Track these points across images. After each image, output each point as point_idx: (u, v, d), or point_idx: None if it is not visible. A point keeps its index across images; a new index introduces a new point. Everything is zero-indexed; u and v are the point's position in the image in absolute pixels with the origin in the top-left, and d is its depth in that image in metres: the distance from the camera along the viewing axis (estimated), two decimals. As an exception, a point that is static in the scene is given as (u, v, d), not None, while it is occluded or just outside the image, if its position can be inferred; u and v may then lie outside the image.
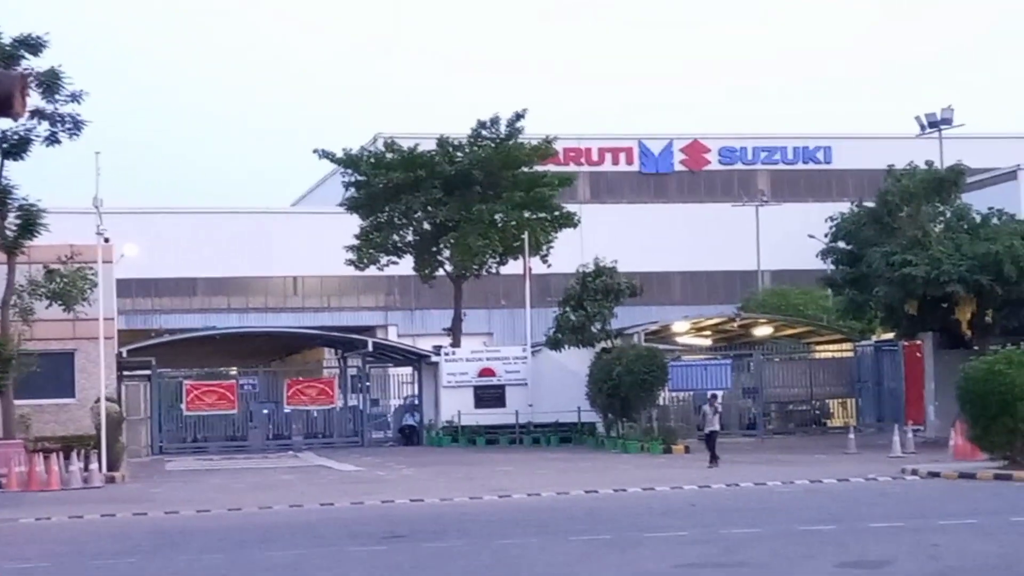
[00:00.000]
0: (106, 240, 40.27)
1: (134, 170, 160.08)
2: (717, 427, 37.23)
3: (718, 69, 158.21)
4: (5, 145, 38.14)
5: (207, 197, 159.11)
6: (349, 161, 57.80)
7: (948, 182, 43.05)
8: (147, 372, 52.03)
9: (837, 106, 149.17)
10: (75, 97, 37.52)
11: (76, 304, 39.12)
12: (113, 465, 37.68)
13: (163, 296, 77.99)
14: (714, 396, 39.92)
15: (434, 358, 53.77)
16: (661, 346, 50.85)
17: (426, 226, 57.61)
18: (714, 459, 35.58)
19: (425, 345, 60.38)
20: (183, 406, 52.95)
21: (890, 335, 49.54)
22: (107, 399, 39.39)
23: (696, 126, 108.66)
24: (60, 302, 40.40)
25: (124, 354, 49.60)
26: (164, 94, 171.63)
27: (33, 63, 38.84)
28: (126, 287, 63.06)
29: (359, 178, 57.76)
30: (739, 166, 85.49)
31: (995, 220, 43.57)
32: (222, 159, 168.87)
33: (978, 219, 43.99)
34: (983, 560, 17.17)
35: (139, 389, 50.68)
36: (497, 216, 56.21)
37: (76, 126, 37.64)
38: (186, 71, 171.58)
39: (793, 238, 68.50)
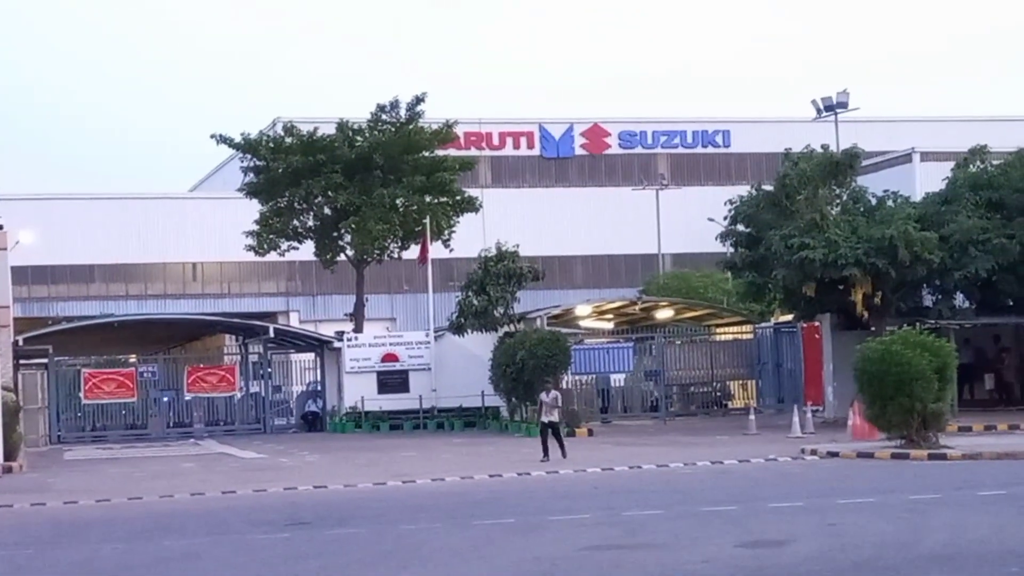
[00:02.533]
0: (0, 226, 38.85)
1: (28, 156, 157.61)
2: (556, 418, 33.69)
3: (618, 53, 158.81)
4: None
5: (104, 183, 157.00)
6: (248, 146, 56.84)
7: (844, 165, 43.62)
8: (44, 360, 51.44)
9: (734, 89, 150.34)
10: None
11: (-30, 292, 37.66)
12: (10, 455, 37.09)
13: (60, 283, 77.05)
14: (547, 382, 36.82)
15: (336, 344, 53.08)
16: (564, 330, 50.36)
17: (327, 211, 56.99)
18: (547, 453, 32.64)
19: (327, 331, 60.12)
20: (81, 394, 52.19)
21: (789, 317, 49.53)
22: (3, 388, 38.84)
23: (596, 110, 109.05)
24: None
25: (20, 342, 49.01)
26: (58, 78, 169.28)
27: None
28: (22, 274, 62.58)
29: (258, 163, 56.54)
30: (639, 150, 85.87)
31: (890, 203, 44.11)
32: (118, 145, 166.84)
33: (874, 202, 44.62)
34: (881, 538, 17.47)
35: (36, 378, 48.60)
36: (398, 201, 55.54)
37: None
38: (80, 53, 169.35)
39: (693, 221, 68.89)
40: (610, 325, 55.80)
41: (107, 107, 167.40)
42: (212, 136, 56.27)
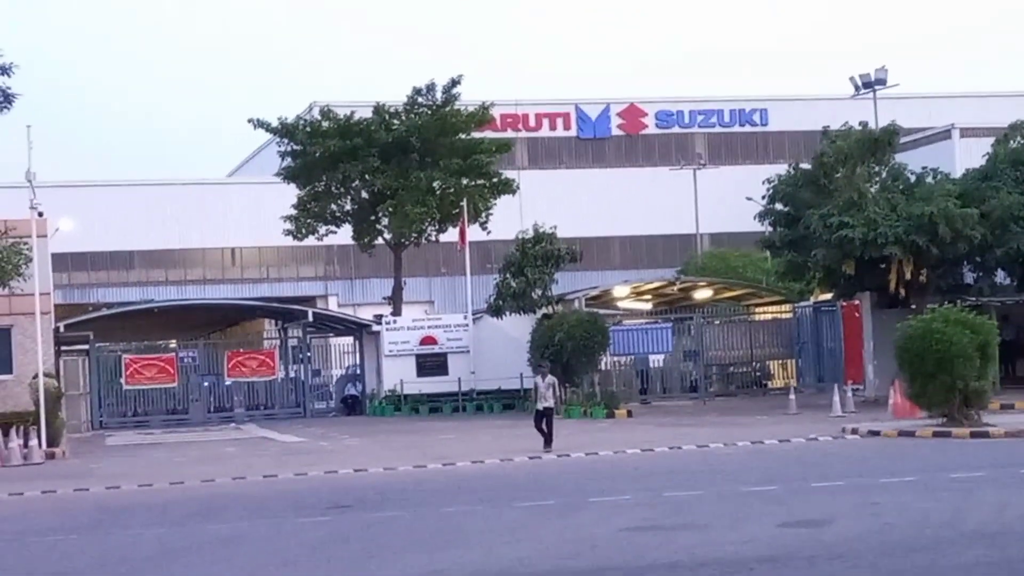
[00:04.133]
0: (40, 214, 39.86)
1: (67, 143, 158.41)
2: (550, 403, 31.92)
3: (654, 33, 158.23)
4: (-66, 119, 37.05)
5: (142, 170, 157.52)
6: (285, 130, 56.23)
7: (882, 142, 43.28)
8: (85, 347, 51.28)
9: (772, 68, 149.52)
10: (4, 70, 36.70)
11: (11, 279, 38.65)
12: (53, 441, 37.23)
13: (99, 270, 76.45)
14: (541, 366, 34.73)
15: (375, 327, 52.80)
16: (602, 311, 50.34)
17: (364, 195, 56.23)
18: (549, 442, 31.29)
19: (366, 314, 59.79)
20: (123, 380, 52.00)
21: (828, 296, 49.07)
22: (45, 375, 38.89)
23: (633, 90, 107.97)
24: (-6, 278, 37.55)
25: (61, 329, 49.11)
26: (95, 65, 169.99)
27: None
28: (62, 261, 62.65)
29: (295, 147, 56.19)
30: (676, 129, 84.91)
31: (929, 180, 43.75)
32: (157, 132, 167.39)
33: (913, 179, 44.26)
34: (923, 516, 17.44)
35: (78, 364, 49.71)
36: (435, 183, 54.53)
37: (6, 99, 36.85)
38: (117, 40, 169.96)
39: (731, 201, 67.96)
40: (648, 306, 55.60)
41: (145, 94, 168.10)
42: (249, 121, 55.50)
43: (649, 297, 56.05)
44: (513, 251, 49.31)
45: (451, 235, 56.67)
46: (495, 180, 56.26)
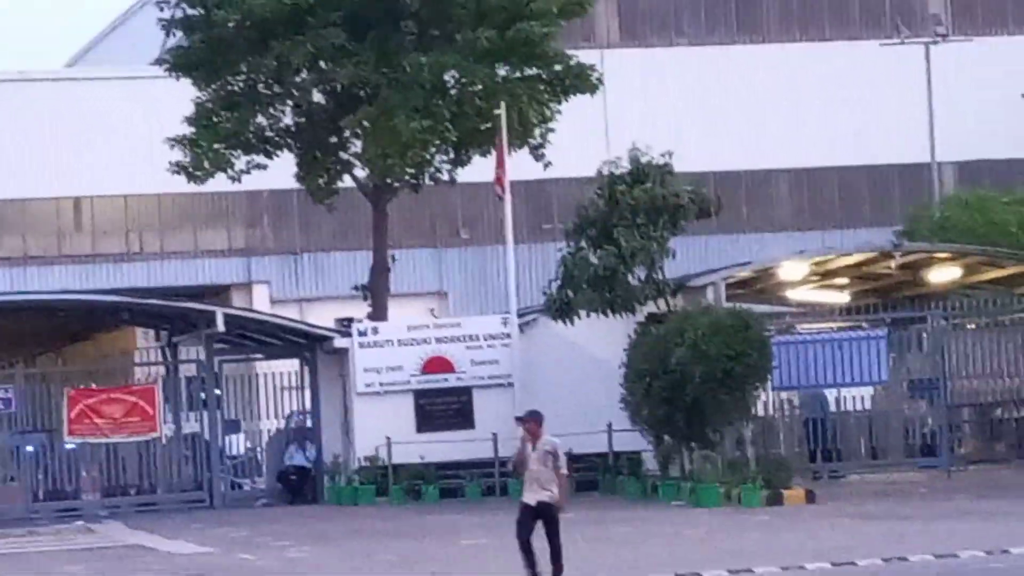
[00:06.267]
0: None
1: None
2: (552, 493, 22.21)
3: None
4: None
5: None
6: (173, -22, 57.43)
7: None
8: None
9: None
10: None
11: None
12: None
13: None
14: (526, 418, 23.16)
15: (339, 341, 43.96)
16: (757, 307, 42.56)
17: (317, 98, 46.97)
18: (532, 567, 22.38)
19: (321, 317, 53.26)
20: None
21: None
22: None
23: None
24: None
25: None
26: None
27: None
28: None
29: (191, 10, 46.35)
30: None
31: None
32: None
33: None
34: None
35: None
36: (447, 76, 44.87)
37: None
38: None
39: (994, 102, 61.39)
40: (844, 296, 47.23)
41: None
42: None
43: (844, 281, 46.78)
44: (593, 199, 41.00)
45: (478, 171, 47.47)
46: (558, 68, 46.14)
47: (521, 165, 48.81)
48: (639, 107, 65.84)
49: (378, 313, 49.05)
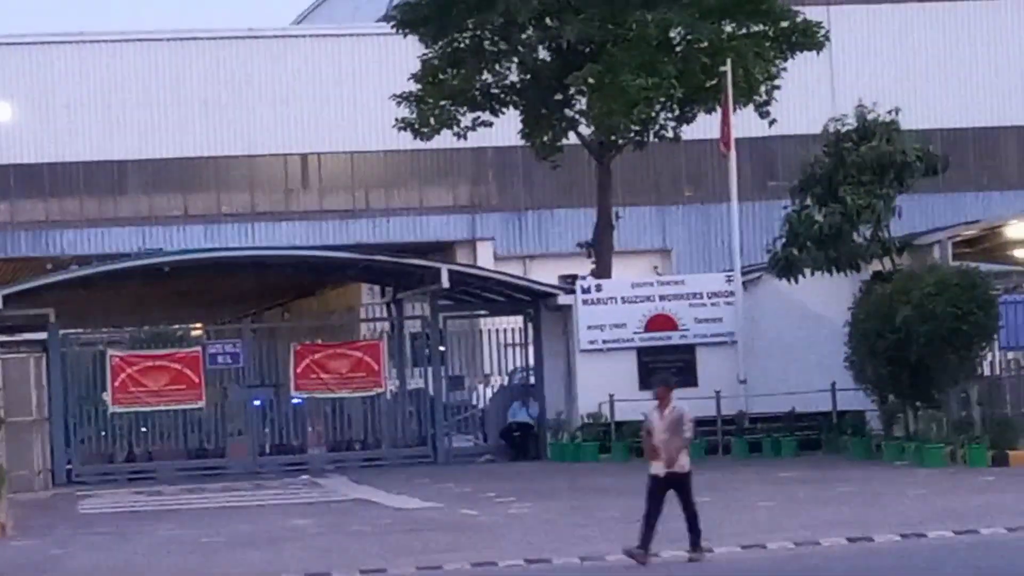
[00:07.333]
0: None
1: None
2: (684, 464, 22.35)
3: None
4: None
5: (135, 20, 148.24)
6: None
7: None
8: (41, 335, 44.81)
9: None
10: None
11: None
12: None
13: (65, 196, 64.27)
14: (666, 379, 23.78)
15: (563, 298, 45.38)
16: (985, 265, 42.39)
17: (543, 55, 48.08)
18: (645, 545, 22.56)
19: (546, 275, 54.39)
20: (108, 397, 44.16)
21: None
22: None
23: None
24: None
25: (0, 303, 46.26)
26: None
27: None
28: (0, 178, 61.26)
29: None
30: None
31: None
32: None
33: None
34: None
35: (28, 366, 41.53)
36: (673, 34, 46.09)
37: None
38: None
39: None
40: None
41: None
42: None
43: (1082, 238, 53.26)
44: (820, 156, 42.32)
45: (703, 128, 49.08)
46: (784, 25, 47.06)
47: (746, 122, 48.81)
48: (864, 64, 65.31)
49: (602, 270, 49.34)
